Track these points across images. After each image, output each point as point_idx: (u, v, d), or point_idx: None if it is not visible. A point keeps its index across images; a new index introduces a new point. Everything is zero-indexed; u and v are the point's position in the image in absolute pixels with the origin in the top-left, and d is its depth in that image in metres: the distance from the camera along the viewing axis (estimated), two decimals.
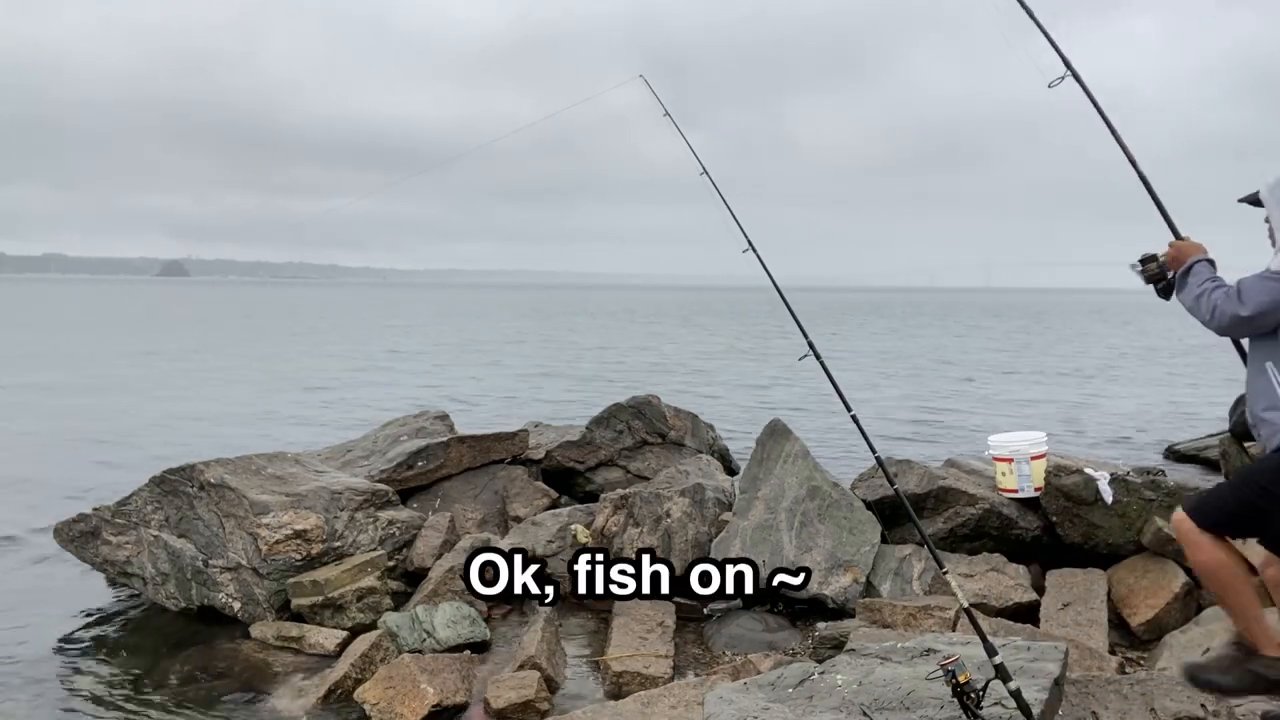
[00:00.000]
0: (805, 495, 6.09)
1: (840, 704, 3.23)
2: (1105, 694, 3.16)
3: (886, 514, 6.14)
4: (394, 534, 6.30)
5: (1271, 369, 2.89)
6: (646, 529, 6.25)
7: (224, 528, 5.89)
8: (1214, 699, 3.13)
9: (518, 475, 7.73)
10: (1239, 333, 3.00)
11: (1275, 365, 2.88)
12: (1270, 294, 2.85)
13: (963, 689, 2.97)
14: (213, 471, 6.05)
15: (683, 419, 8.79)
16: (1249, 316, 2.87)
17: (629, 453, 8.31)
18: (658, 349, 33.10)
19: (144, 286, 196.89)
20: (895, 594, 5.66)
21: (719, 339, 39.48)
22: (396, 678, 4.67)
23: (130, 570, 6.04)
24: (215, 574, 5.80)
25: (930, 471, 6.42)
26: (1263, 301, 2.85)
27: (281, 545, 5.75)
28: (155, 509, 6.08)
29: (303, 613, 5.62)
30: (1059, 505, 5.93)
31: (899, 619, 5.15)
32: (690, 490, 6.39)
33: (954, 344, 36.97)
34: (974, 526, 6.07)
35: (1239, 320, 2.89)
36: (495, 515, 7.34)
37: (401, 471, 7.24)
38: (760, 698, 3.40)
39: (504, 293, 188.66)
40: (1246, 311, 2.87)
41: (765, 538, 5.94)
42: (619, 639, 5.25)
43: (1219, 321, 2.95)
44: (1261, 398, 2.94)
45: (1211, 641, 4.66)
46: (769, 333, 41.91)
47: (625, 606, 5.65)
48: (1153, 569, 5.55)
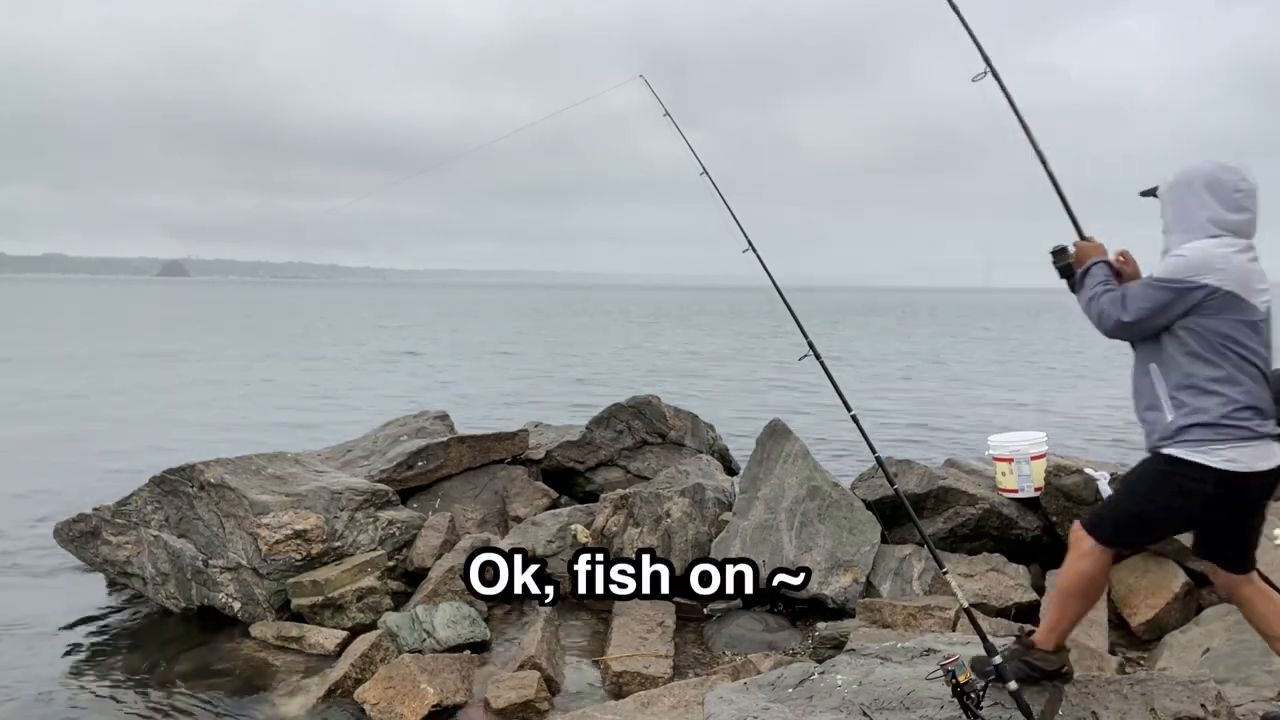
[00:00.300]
0: (805, 495, 6.09)
1: (840, 704, 3.24)
2: (1105, 694, 3.16)
3: (886, 514, 6.14)
4: (394, 534, 6.30)
5: (1155, 370, 2.98)
6: (646, 529, 6.25)
7: (224, 528, 5.89)
8: (1214, 699, 3.13)
9: (518, 475, 7.73)
10: (1123, 336, 3.07)
11: (1158, 367, 2.97)
12: (1152, 301, 2.92)
13: (963, 689, 2.98)
14: (213, 471, 6.05)
15: (683, 419, 8.79)
16: (1130, 322, 2.97)
17: (629, 453, 8.31)
18: (657, 349, 33.10)
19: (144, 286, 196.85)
20: (895, 594, 5.66)
21: (718, 339, 39.48)
22: (396, 678, 4.67)
23: (130, 570, 6.04)
24: (215, 574, 5.80)
25: (930, 471, 6.42)
26: (1144, 308, 2.94)
27: (281, 545, 5.75)
28: (155, 509, 6.08)
29: (303, 613, 5.62)
30: (1059, 505, 5.93)
31: (899, 619, 5.15)
32: (690, 490, 6.39)
33: (953, 344, 36.98)
34: (974, 526, 6.07)
35: (1122, 325, 2.99)
36: (495, 515, 7.34)
37: (401, 471, 7.24)
38: (760, 698, 3.40)
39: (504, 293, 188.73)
40: (1129, 317, 2.97)
41: (765, 538, 5.94)
42: (619, 639, 5.25)
43: (1104, 325, 3.05)
44: (1143, 397, 3.04)
45: (1212, 641, 4.67)
46: (769, 333, 41.92)
47: (625, 606, 5.65)
48: (1153, 569, 5.55)
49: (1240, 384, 2.87)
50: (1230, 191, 2.92)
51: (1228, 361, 2.87)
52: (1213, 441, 2.86)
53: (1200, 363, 2.89)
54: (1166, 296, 2.90)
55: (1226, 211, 2.92)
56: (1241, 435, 2.85)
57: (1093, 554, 3.04)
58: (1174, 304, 2.90)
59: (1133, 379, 3.10)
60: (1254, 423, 2.87)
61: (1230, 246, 2.91)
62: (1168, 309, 2.91)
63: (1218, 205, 2.92)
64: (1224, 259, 2.87)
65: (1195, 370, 2.90)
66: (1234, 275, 2.86)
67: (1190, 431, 2.89)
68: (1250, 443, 2.86)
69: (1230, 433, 2.85)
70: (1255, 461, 2.87)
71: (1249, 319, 2.90)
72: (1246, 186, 2.93)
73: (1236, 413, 2.86)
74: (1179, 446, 2.91)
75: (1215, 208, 2.92)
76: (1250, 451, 2.86)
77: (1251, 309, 2.90)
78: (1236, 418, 2.85)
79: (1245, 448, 2.86)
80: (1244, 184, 2.93)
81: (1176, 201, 3.01)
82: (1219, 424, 2.85)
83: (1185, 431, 2.90)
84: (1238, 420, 2.85)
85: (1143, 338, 3.04)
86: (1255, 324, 2.91)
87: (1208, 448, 2.86)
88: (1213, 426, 2.86)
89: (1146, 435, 3.03)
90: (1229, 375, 2.87)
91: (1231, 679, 3.98)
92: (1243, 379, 2.88)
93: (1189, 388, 2.91)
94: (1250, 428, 2.86)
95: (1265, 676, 4.00)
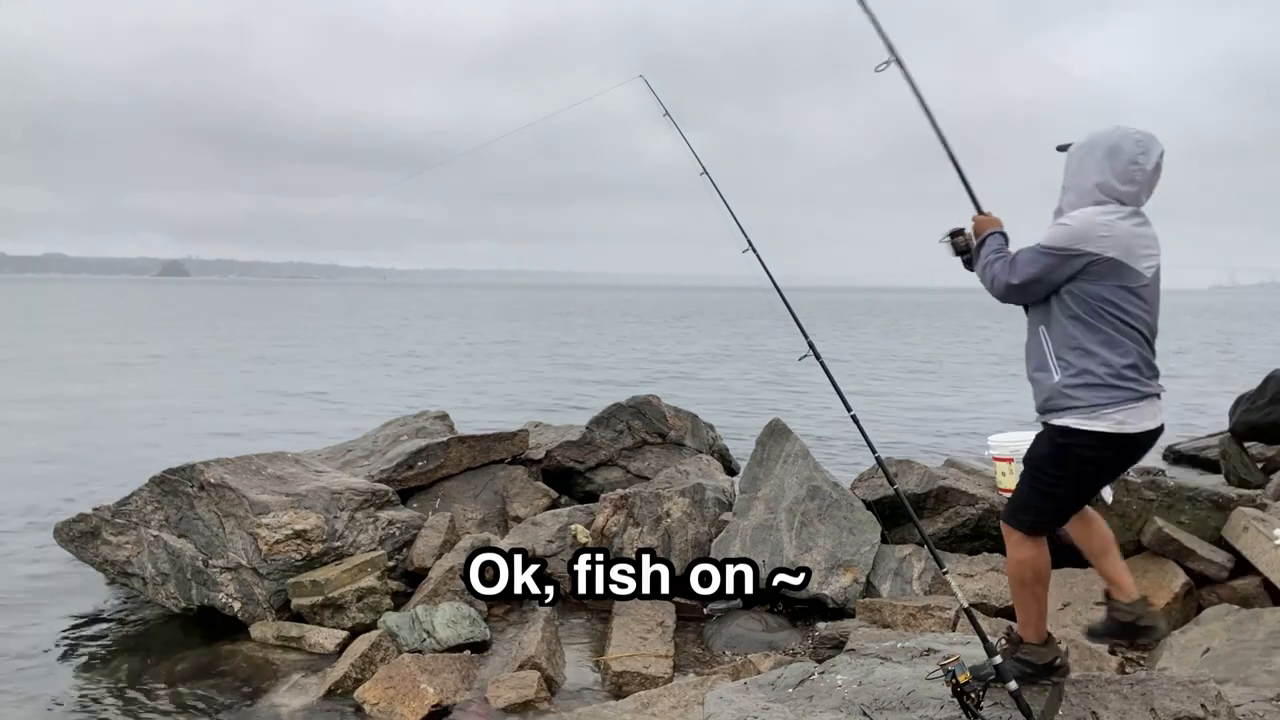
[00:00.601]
0: (805, 495, 6.09)
1: (840, 704, 3.24)
2: (1105, 694, 3.16)
3: (886, 514, 6.14)
4: (394, 534, 6.30)
5: (1044, 332, 3.10)
6: (646, 529, 6.25)
7: (224, 528, 5.88)
8: (1214, 699, 3.13)
9: (518, 475, 7.73)
10: (1013, 300, 3.18)
11: (1046, 330, 3.09)
12: (1037, 266, 3.04)
13: (963, 689, 2.98)
14: (213, 471, 6.05)
15: (683, 419, 8.79)
16: (1018, 285, 3.09)
17: (629, 453, 8.31)
18: (657, 349, 33.09)
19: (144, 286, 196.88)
20: (895, 594, 5.66)
21: (718, 339, 39.47)
22: (396, 678, 4.67)
23: (130, 570, 6.04)
24: (215, 574, 5.80)
25: (930, 471, 6.43)
26: (1030, 272, 3.05)
27: (281, 545, 5.75)
28: (155, 509, 6.08)
29: (303, 613, 5.62)
30: None
31: (899, 619, 5.15)
32: (690, 490, 6.39)
33: (953, 344, 36.97)
34: (974, 526, 6.08)
35: (1010, 288, 3.12)
36: (495, 515, 7.35)
37: (401, 471, 7.24)
38: (760, 698, 3.40)
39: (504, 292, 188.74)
40: (1016, 280, 3.09)
41: (765, 538, 5.94)
42: (619, 639, 5.25)
43: (995, 289, 3.18)
44: (1033, 358, 3.15)
45: (1212, 641, 4.67)
46: (768, 333, 41.92)
47: (625, 606, 5.65)
48: (1153, 569, 5.55)
49: (1120, 346, 2.97)
50: (1127, 162, 3.00)
51: (1108, 324, 2.97)
52: (1099, 405, 2.94)
53: (1082, 326, 3.00)
54: (1051, 262, 3.01)
55: (1117, 181, 3.00)
56: (1127, 396, 2.94)
57: (1024, 543, 3.12)
58: (1058, 269, 3.01)
59: (1026, 342, 3.21)
60: (1136, 383, 2.96)
61: (1115, 213, 2.99)
62: (1052, 274, 3.02)
63: (1110, 173, 3.01)
64: (1107, 226, 2.96)
65: (1078, 333, 3.00)
66: (1117, 242, 2.96)
67: (1076, 394, 2.98)
68: (1135, 403, 2.95)
69: (1115, 394, 2.94)
70: (1142, 421, 2.97)
71: (1131, 284, 2.98)
72: (1144, 161, 3.00)
73: (1120, 373, 2.95)
74: (1068, 415, 2.99)
75: (1108, 175, 3.01)
76: (1137, 411, 2.96)
77: (1135, 274, 2.98)
78: (1120, 378, 2.95)
79: (1132, 408, 2.95)
80: (1142, 157, 3.00)
81: (1078, 162, 3.10)
82: (1103, 385, 2.95)
83: (1072, 395, 2.99)
84: (1120, 382, 2.95)
85: (1033, 301, 3.15)
86: (1138, 289, 3.00)
87: (1096, 412, 2.94)
88: (1097, 388, 2.95)
89: (1035, 396, 3.13)
90: (1109, 338, 2.97)
91: (1231, 679, 3.98)
92: (1124, 341, 2.97)
93: (1073, 349, 3.01)
94: (1133, 388, 2.95)
95: (1265, 676, 4.00)
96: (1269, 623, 4.65)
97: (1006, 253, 3.21)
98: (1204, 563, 5.52)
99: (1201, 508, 5.80)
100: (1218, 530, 5.76)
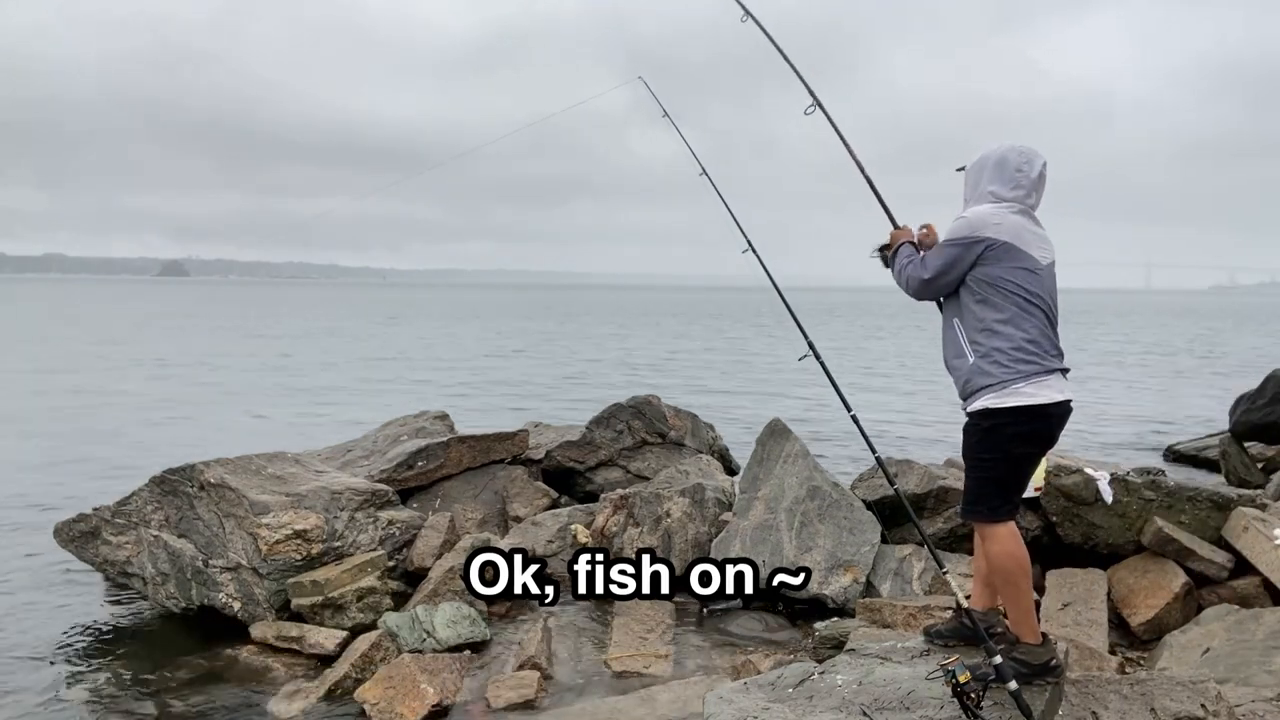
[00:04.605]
0: (805, 495, 6.09)
1: (840, 704, 3.23)
2: (1105, 694, 3.16)
3: (886, 514, 6.14)
4: (394, 534, 6.30)
5: (957, 324, 3.34)
6: (646, 529, 6.25)
7: (224, 528, 5.88)
8: (1214, 699, 3.13)
9: (518, 475, 7.73)
10: (927, 295, 3.44)
11: (959, 320, 3.33)
12: (943, 258, 3.31)
13: (963, 689, 2.97)
14: (213, 471, 6.04)
15: (683, 419, 8.79)
16: (930, 279, 3.36)
17: (629, 453, 8.31)
18: (656, 348, 33.09)
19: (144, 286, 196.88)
20: (895, 594, 5.66)
21: (717, 339, 39.48)
22: (396, 678, 4.67)
23: (130, 570, 6.04)
24: (215, 574, 5.80)
25: (930, 471, 6.42)
26: (938, 265, 3.33)
27: (281, 545, 5.75)
28: (155, 509, 6.08)
29: (303, 613, 5.61)
30: (1059, 505, 5.94)
31: (899, 619, 5.15)
32: (690, 490, 6.39)
33: None
34: None
35: (924, 283, 3.38)
36: (495, 515, 7.35)
37: (401, 471, 7.24)
38: (760, 698, 3.39)
39: (503, 292, 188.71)
40: (928, 274, 3.36)
41: (765, 538, 5.94)
42: (619, 639, 5.25)
43: (911, 286, 3.44)
44: (950, 347, 3.38)
45: (1212, 641, 4.67)
46: (768, 333, 41.92)
47: (625, 606, 5.65)
48: (1153, 569, 5.55)
49: (1023, 323, 3.19)
50: (1013, 171, 3.30)
51: (1011, 303, 3.20)
52: (1009, 381, 3.14)
53: (988, 307, 3.23)
54: (955, 252, 3.28)
55: (1004, 188, 3.30)
56: (1033, 369, 3.15)
57: (992, 534, 3.23)
58: (963, 257, 3.27)
59: (942, 334, 3.43)
60: (1039, 357, 3.17)
61: (1006, 208, 3.28)
62: (958, 263, 3.28)
63: (999, 182, 3.31)
64: (998, 216, 3.26)
65: (985, 314, 3.24)
66: (1008, 229, 3.23)
67: (989, 370, 3.18)
68: (1042, 376, 3.15)
69: (1022, 369, 3.14)
70: (1051, 393, 3.15)
71: (1028, 266, 3.22)
72: (1028, 170, 3.30)
73: (1022, 347, 3.16)
74: (984, 395, 3.18)
75: (997, 184, 3.31)
76: (1044, 384, 3.15)
77: (1029, 258, 3.23)
78: (1024, 352, 3.16)
79: (1039, 381, 3.14)
80: (1026, 166, 3.30)
81: (975, 176, 3.41)
82: (1011, 360, 3.16)
83: (985, 371, 3.19)
84: (1025, 355, 3.16)
85: (944, 294, 3.40)
86: (1035, 272, 3.23)
87: (1007, 388, 3.14)
88: (1004, 364, 3.16)
89: (956, 384, 3.34)
90: (1012, 317, 3.20)
91: (1231, 679, 3.98)
92: (1026, 318, 3.19)
93: (982, 330, 3.24)
94: (1036, 361, 3.16)
95: (1265, 676, 4.00)
96: (1269, 623, 4.65)
97: (916, 256, 3.49)
98: (1204, 563, 5.52)
99: (1201, 508, 5.80)
100: (1218, 530, 5.76)
